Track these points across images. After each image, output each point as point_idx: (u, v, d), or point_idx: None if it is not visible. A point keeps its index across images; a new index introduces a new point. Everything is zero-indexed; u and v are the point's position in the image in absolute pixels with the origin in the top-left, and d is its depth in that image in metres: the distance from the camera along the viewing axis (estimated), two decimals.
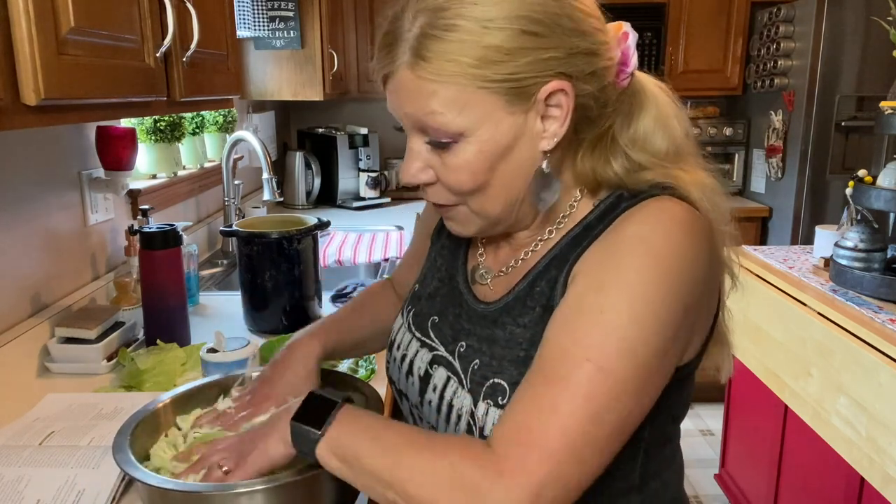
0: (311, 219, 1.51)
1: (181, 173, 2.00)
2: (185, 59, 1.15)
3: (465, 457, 0.62)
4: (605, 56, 0.68)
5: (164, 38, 1.06)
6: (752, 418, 2.28)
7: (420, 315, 0.86)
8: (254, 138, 2.06)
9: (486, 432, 0.69)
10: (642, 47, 0.71)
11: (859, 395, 1.54)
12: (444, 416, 0.75)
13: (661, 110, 0.74)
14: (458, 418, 0.73)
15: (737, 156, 3.37)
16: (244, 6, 2.27)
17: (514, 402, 0.64)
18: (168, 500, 0.74)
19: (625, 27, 0.72)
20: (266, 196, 2.05)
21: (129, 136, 1.48)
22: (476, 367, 0.74)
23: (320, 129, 3.23)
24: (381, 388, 0.96)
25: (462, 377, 0.74)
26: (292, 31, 2.50)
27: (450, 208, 0.73)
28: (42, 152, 1.35)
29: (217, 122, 2.30)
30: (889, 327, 1.55)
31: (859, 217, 1.91)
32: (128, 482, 0.90)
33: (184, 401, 0.91)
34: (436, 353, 0.80)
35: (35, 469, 0.90)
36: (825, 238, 2.03)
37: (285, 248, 1.43)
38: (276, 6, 2.47)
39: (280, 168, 3.14)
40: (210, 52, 1.30)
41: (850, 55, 2.76)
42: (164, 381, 1.20)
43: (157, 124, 1.81)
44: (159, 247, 1.32)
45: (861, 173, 1.81)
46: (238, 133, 2.13)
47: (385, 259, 2.20)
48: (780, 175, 3.03)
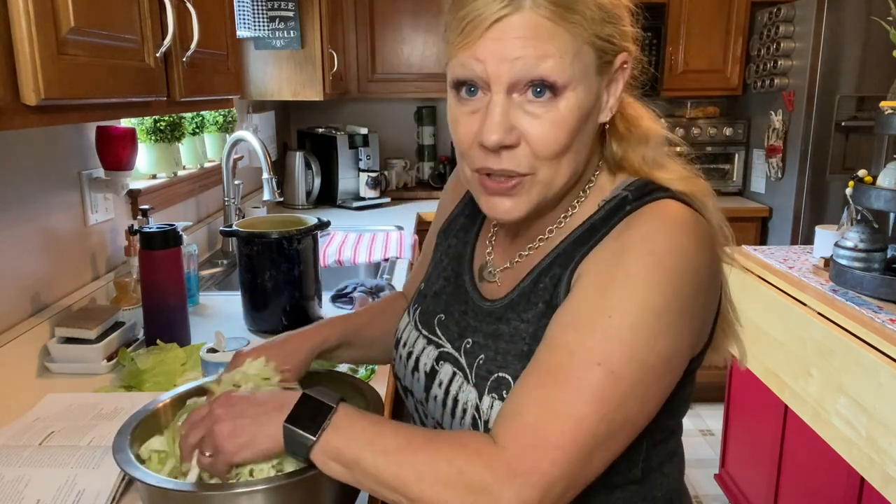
0: (311, 219, 1.51)
1: (181, 173, 2.00)
2: (185, 59, 1.15)
3: (471, 457, 0.62)
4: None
5: (164, 38, 1.06)
6: (752, 418, 2.28)
7: (426, 313, 0.87)
8: (254, 138, 2.06)
9: (492, 425, 0.70)
10: (642, 47, 0.72)
11: (859, 395, 1.54)
12: (450, 411, 0.76)
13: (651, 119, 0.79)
14: (464, 412, 0.74)
15: (737, 156, 3.37)
16: (244, 6, 2.27)
17: (522, 400, 0.65)
18: (168, 500, 0.74)
19: None
20: (266, 196, 2.05)
21: (129, 136, 1.48)
22: (481, 361, 0.75)
23: (320, 129, 3.23)
24: (381, 388, 0.96)
25: (468, 372, 0.76)
26: (292, 31, 2.50)
27: (517, 180, 0.70)
28: (42, 152, 1.35)
29: (217, 122, 2.30)
30: (889, 327, 1.55)
31: (859, 217, 1.91)
32: (128, 482, 0.90)
33: (184, 401, 0.90)
34: (442, 349, 0.81)
35: (35, 469, 0.90)
36: (825, 238, 2.03)
37: (285, 248, 1.43)
38: (276, 6, 2.47)
39: (280, 168, 3.14)
40: (210, 52, 1.30)
41: (850, 55, 2.76)
42: (164, 381, 1.20)
43: (157, 124, 1.81)
44: (159, 247, 1.32)
45: (861, 173, 1.81)
46: (238, 133, 2.13)
47: (385, 259, 2.20)
48: (780, 175, 3.03)
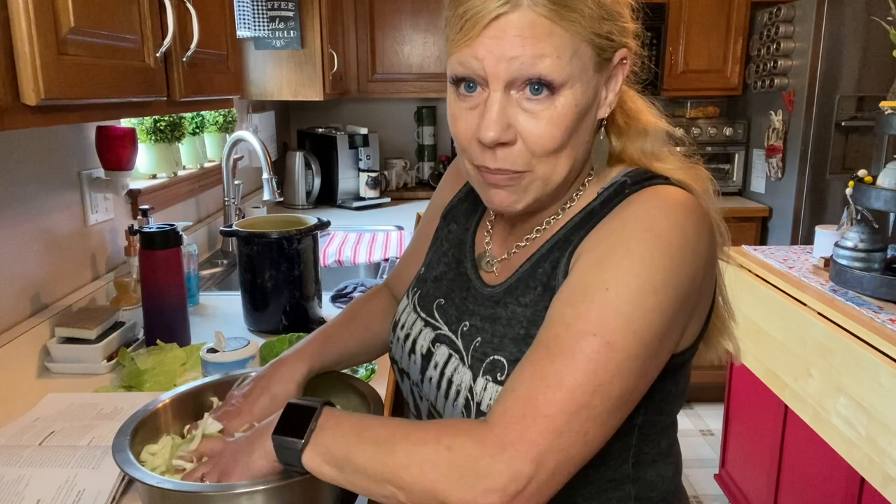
0: (311, 219, 1.51)
1: (181, 173, 2.00)
2: (185, 59, 1.15)
3: (459, 435, 0.61)
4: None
5: (164, 38, 1.06)
6: (752, 418, 2.28)
7: (426, 297, 0.87)
8: (254, 138, 2.06)
9: (484, 407, 0.70)
10: (643, 44, 0.71)
11: (859, 395, 1.54)
12: (444, 392, 0.76)
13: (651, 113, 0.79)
14: (457, 393, 0.74)
15: (737, 156, 3.37)
16: (244, 6, 2.27)
17: (515, 376, 0.64)
18: (168, 500, 0.74)
19: None
20: (266, 196, 2.05)
21: (129, 136, 1.48)
22: (478, 344, 0.75)
23: (320, 129, 3.23)
24: (381, 388, 0.96)
25: (463, 354, 0.76)
26: (292, 31, 2.50)
27: (516, 176, 0.70)
28: (42, 152, 1.35)
29: (217, 122, 2.30)
30: (889, 327, 1.55)
31: (859, 217, 1.91)
32: (128, 482, 0.90)
33: (184, 401, 0.91)
34: (439, 332, 0.81)
35: (35, 469, 0.90)
36: (825, 238, 2.03)
37: (285, 248, 1.43)
38: (276, 6, 2.47)
39: (280, 168, 3.14)
40: (210, 52, 1.30)
41: (850, 55, 2.76)
42: (164, 381, 1.20)
43: (157, 124, 1.81)
44: (159, 247, 1.32)
45: (861, 173, 1.81)
46: (238, 133, 2.13)
47: (385, 259, 2.20)
48: (780, 175, 3.03)
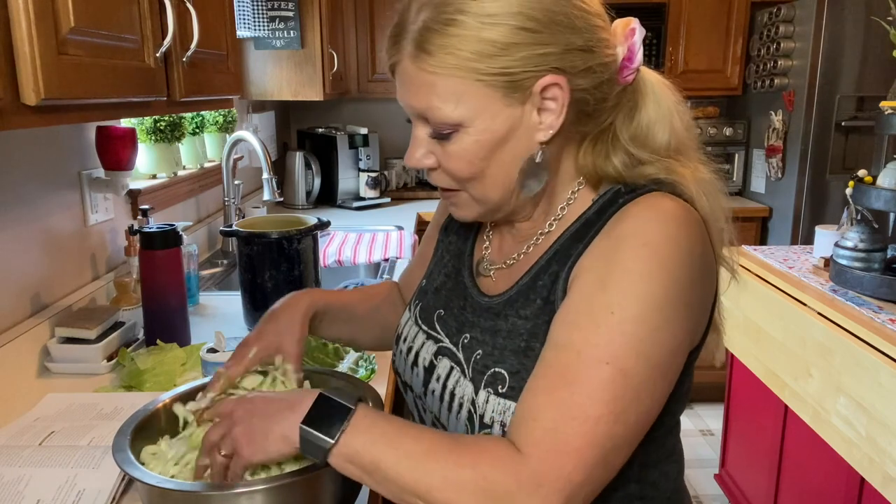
0: (311, 219, 1.51)
1: (181, 173, 2.00)
2: (185, 59, 1.15)
3: (496, 465, 0.61)
4: (602, 53, 0.70)
5: (164, 38, 1.06)
6: (752, 418, 2.28)
7: (426, 309, 0.87)
8: (254, 138, 2.06)
9: (487, 420, 0.71)
10: (642, 47, 0.72)
11: (859, 395, 1.54)
12: (447, 405, 0.77)
13: (662, 106, 0.75)
14: (460, 406, 0.74)
15: (737, 156, 3.37)
16: (244, 6, 2.27)
17: (536, 403, 0.64)
18: (168, 500, 0.74)
19: (633, 23, 0.73)
20: (266, 196, 2.05)
21: (129, 136, 1.48)
22: (478, 356, 0.75)
23: (320, 129, 3.23)
24: (381, 388, 0.96)
25: (465, 367, 0.76)
26: (292, 31, 2.50)
27: (452, 193, 0.77)
28: (42, 152, 1.35)
29: (217, 122, 2.30)
30: (889, 327, 1.55)
31: (859, 217, 1.91)
32: (128, 482, 0.90)
33: (184, 401, 0.90)
34: (441, 344, 0.81)
35: (35, 469, 0.90)
36: (825, 238, 2.02)
37: (285, 248, 1.43)
38: (276, 6, 2.47)
39: (280, 168, 3.14)
40: (210, 52, 1.30)
41: (850, 55, 2.76)
42: (164, 381, 1.20)
43: (157, 124, 1.81)
44: (159, 247, 1.32)
45: (861, 173, 1.81)
46: (238, 133, 2.13)
47: (385, 259, 2.20)
48: (780, 175, 3.03)
